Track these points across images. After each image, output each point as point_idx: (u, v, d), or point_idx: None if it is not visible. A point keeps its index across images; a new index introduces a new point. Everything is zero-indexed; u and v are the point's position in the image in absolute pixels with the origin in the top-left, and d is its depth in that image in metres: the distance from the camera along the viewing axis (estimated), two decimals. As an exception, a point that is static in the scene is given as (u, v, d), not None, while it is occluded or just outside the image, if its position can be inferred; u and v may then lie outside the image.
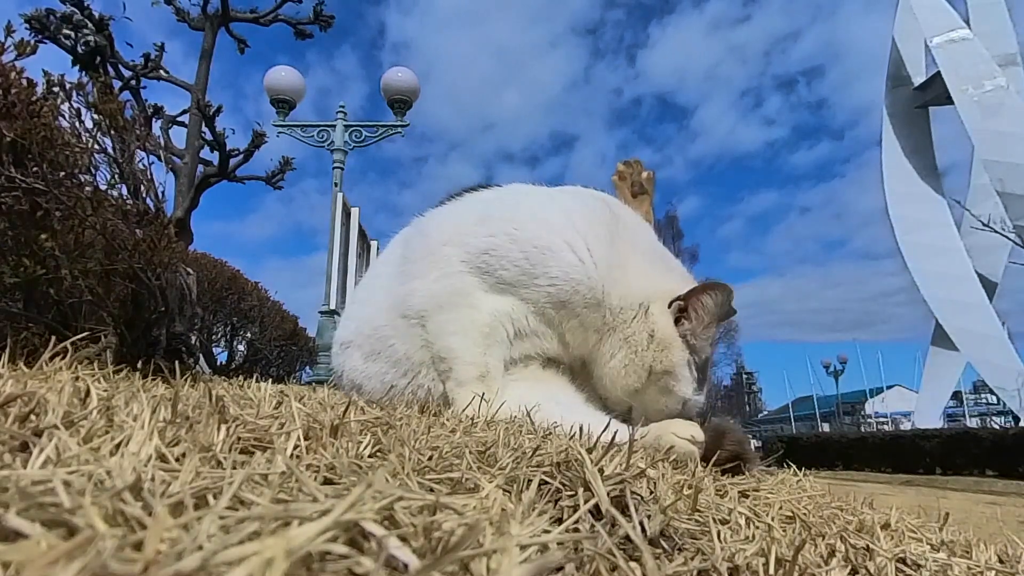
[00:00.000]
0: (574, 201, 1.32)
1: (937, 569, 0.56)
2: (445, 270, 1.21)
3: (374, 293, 1.41)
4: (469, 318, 1.18)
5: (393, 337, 1.27)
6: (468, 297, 1.19)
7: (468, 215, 1.29)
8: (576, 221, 1.23)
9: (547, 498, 0.45)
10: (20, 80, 1.18)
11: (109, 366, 0.85)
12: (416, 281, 1.25)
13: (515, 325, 1.19)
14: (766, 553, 0.44)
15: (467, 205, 1.36)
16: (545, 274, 1.17)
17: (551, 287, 1.17)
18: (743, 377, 44.21)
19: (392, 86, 5.75)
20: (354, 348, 1.37)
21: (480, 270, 1.19)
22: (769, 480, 0.84)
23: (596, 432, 0.70)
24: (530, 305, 1.19)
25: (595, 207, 1.31)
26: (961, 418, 24.49)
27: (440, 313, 1.20)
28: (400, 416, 0.80)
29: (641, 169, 1.59)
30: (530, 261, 1.17)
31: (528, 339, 1.22)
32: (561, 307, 1.19)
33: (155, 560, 0.21)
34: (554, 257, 1.17)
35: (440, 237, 1.26)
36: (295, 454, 0.44)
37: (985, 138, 14.53)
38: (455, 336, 1.18)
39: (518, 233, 1.19)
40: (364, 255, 5.95)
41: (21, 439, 0.36)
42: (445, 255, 1.23)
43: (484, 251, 1.19)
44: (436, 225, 1.33)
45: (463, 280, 1.20)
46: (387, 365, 1.29)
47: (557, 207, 1.27)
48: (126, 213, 1.31)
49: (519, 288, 1.19)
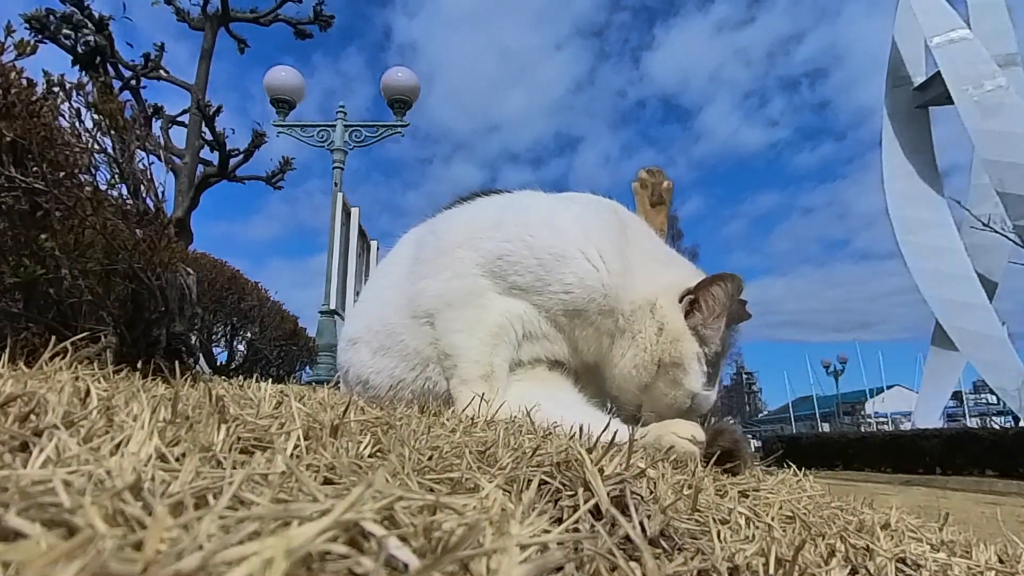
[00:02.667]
0: (586, 209, 1.33)
1: (937, 569, 0.56)
2: (458, 271, 1.22)
3: (384, 291, 1.41)
4: (477, 317, 1.18)
5: (404, 333, 1.28)
6: (480, 297, 1.19)
7: (482, 219, 1.30)
8: (589, 229, 1.24)
9: (547, 498, 0.45)
10: (20, 80, 1.18)
11: (109, 366, 0.85)
12: (427, 281, 1.25)
13: (525, 327, 1.20)
14: (766, 553, 0.44)
15: (481, 209, 1.36)
16: (559, 281, 1.18)
17: (565, 294, 1.18)
18: (743, 377, 44.23)
19: (392, 86, 5.75)
20: (362, 344, 1.37)
21: (493, 274, 1.20)
22: (769, 480, 0.84)
23: (596, 432, 0.70)
24: (542, 311, 1.20)
25: (606, 216, 1.32)
26: (961, 418, 24.52)
27: (449, 311, 1.20)
28: (400, 416, 0.80)
29: (663, 179, 1.59)
30: (544, 268, 1.18)
31: (539, 342, 1.23)
32: (575, 315, 1.20)
33: (155, 560, 0.21)
34: (568, 265, 1.18)
35: (453, 239, 1.27)
36: (295, 454, 0.44)
37: (985, 138, 14.51)
38: (462, 334, 1.18)
39: (533, 240, 1.20)
40: (364, 255, 5.95)
41: (21, 439, 0.36)
42: (458, 257, 1.23)
43: (498, 256, 1.20)
44: (449, 227, 1.33)
45: (476, 282, 1.20)
46: (396, 360, 1.29)
47: (570, 215, 1.28)
48: (126, 213, 1.31)
49: (532, 294, 1.19)
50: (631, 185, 1.65)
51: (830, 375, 32.02)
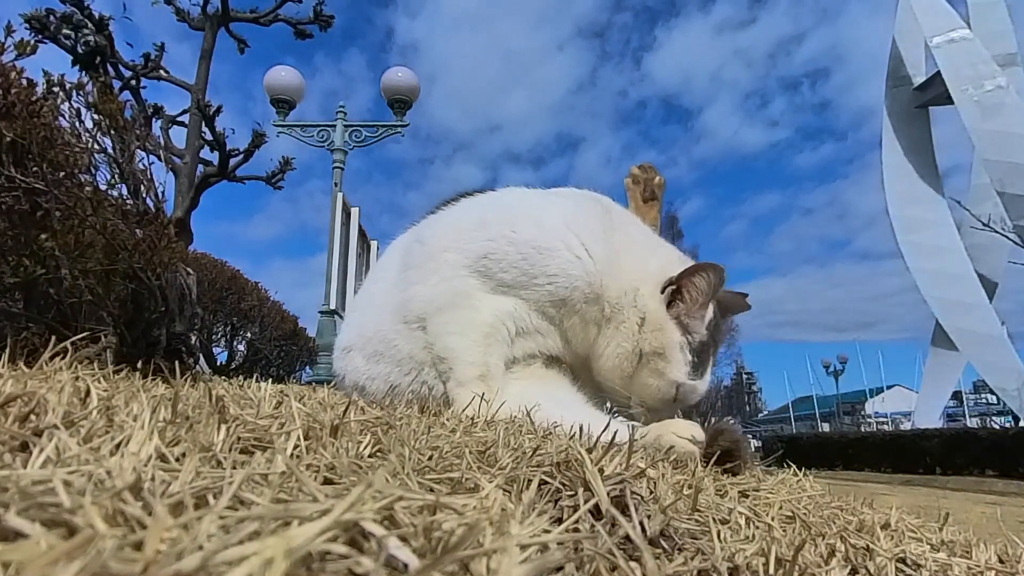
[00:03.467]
0: (568, 201, 1.35)
1: (937, 569, 0.56)
2: (445, 274, 1.23)
3: (375, 298, 1.42)
4: (469, 318, 1.19)
5: (397, 339, 1.29)
6: (469, 298, 1.20)
7: (466, 220, 1.31)
8: (571, 221, 1.25)
9: (547, 498, 0.45)
10: (20, 80, 1.18)
11: (109, 366, 0.85)
12: (417, 287, 1.26)
13: (517, 323, 1.21)
14: (766, 553, 0.44)
15: (464, 210, 1.37)
16: (544, 273, 1.19)
17: (550, 285, 1.19)
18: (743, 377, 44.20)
19: (392, 86, 5.75)
20: (356, 351, 1.38)
21: (480, 274, 1.21)
22: (769, 480, 0.84)
23: (596, 432, 0.70)
24: (531, 304, 1.21)
25: (588, 206, 1.33)
26: (961, 418, 24.50)
27: (440, 314, 1.21)
28: (400, 416, 0.80)
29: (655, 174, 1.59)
30: (528, 262, 1.19)
31: (531, 337, 1.24)
32: (562, 305, 1.21)
33: (155, 560, 0.21)
34: (552, 256, 1.19)
35: (440, 243, 1.28)
36: (295, 454, 0.44)
37: (985, 138, 14.51)
38: (455, 336, 1.19)
39: (516, 236, 1.21)
40: (364, 255, 5.95)
41: (21, 439, 0.36)
42: (445, 260, 1.24)
43: (483, 255, 1.20)
44: (435, 232, 1.34)
45: (464, 283, 1.21)
46: (391, 365, 1.30)
47: (552, 208, 1.29)
48: (126, 213, 1.31)
49: (519, 289, 1.20)
50: (624, 181, 1.65)
51: (830, 375, 32.04)
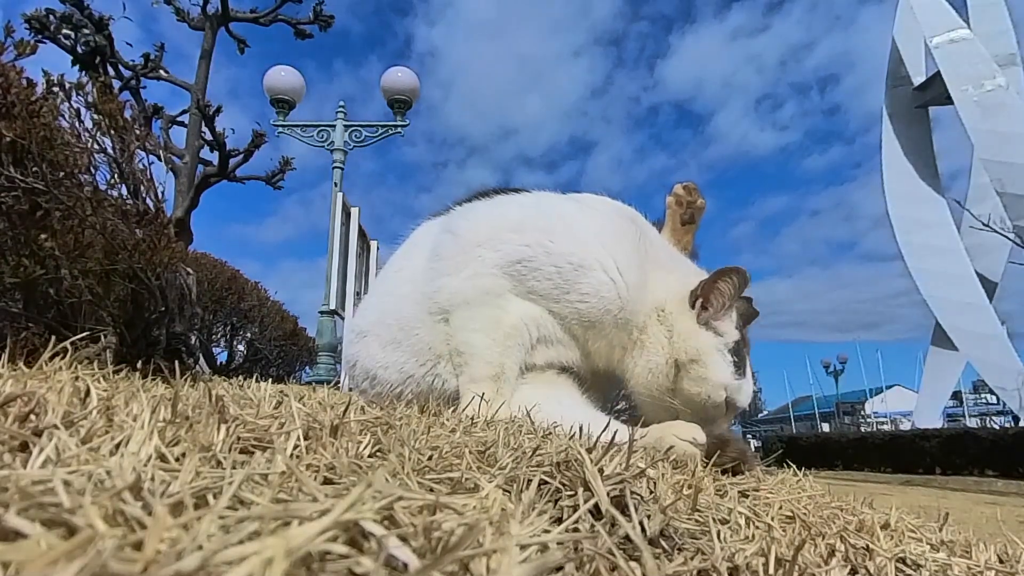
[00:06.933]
0: (607, 220, 1.32)
1: (937, 569, 0.56)
2: (477, 270, 1.21)
3: (398, 285, 1.39)
4: (494, 317, 1.18)
5: (418, 328, 1.27)
6: (497, 298, 1.19)
7: (502, 219, 1.29)
8: (607, 240, 1.23)
9: (547, 498, 0.45)
10: (20, 80, 1.18)
11: (109, 366, 0.85)
12: (445, 278, 1.24)
13: (540, 331, 1.19)
14: (766, 553, 0.44)
15: (501, 208, 1.35)
16: (577, 291, 1.17)
17: (581, 303, 1.18)
18: (743, 377, 43.97)
19: (392, 86, 5.75)
20: (372, 337, 1.36)
21: (512, 277, 1.20)
22: (769, 480, 0.84)
23: (596, 432, 0.70)
24: (558, 318, 1.20)
25: (626, 227, 1.31)
26: (961, 418, 24.49)
27: (466, 309, 1.20)
28: (400, 416, 0.80)
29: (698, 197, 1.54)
30: (563, 276, 1.18)
31: (553, 347, 1.22)
32: (590, 326, 1.20)
33: (155, 560, 0.21)
34: (587, 275, 1.18)
35: (474, 238, 1.26)
36: (295, 454, 0.44)
37: (985, 138, 14.49)
38: (477, 333, 1.18)
39: (553, 246, 1.19)
40: (364, 255, 5.94)
41: (21, 439, 0.36)
42: (478, 256, 1.22)
43: (518, 260, 1.19)
44: (469, 225, 1.31)
45: (495, 282, 1.20)
46: (407, 354, 1.28)
47: (592, 224, 1.27)
48: (126, 213, 1.31)
49: (549, 301, 1.19)
50: (666, 199, 1.61)
51: (830, 375, 32.04)
